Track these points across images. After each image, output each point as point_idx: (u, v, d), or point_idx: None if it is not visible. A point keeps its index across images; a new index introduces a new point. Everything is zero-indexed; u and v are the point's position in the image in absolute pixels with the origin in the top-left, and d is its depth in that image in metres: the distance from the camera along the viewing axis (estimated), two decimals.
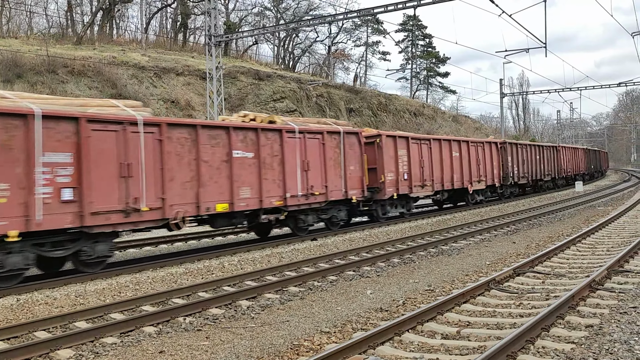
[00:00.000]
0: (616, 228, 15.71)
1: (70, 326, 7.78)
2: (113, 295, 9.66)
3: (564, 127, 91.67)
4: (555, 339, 6.13)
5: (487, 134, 65.01)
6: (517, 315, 7.24)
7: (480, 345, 6.07)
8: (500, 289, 8.75)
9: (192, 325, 7.62)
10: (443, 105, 77.00)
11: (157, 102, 31.50)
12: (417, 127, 50.65)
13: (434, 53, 72.65)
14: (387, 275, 10.66)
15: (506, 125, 73.39)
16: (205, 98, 30.71)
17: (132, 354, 6.50)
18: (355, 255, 13.11)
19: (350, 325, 7.29)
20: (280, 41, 58.08)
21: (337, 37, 61.82)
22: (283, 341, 6.73)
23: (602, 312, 7.05)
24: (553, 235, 15.28)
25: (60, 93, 26.80)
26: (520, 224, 18.45)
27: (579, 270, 9.95)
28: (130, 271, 11.72)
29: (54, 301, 9.36)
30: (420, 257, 12.68)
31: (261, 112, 36.25)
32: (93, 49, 34.65)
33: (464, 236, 15.45)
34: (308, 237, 16.04)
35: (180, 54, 40.60)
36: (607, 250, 12.02)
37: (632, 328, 6.32)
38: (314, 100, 42.59)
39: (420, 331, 6.76)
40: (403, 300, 8.52)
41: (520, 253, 12.53)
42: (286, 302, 8.79)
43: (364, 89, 52.39)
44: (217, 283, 10.14)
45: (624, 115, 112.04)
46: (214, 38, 27.52)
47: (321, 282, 10.24)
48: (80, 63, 29.37)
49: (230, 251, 13.97)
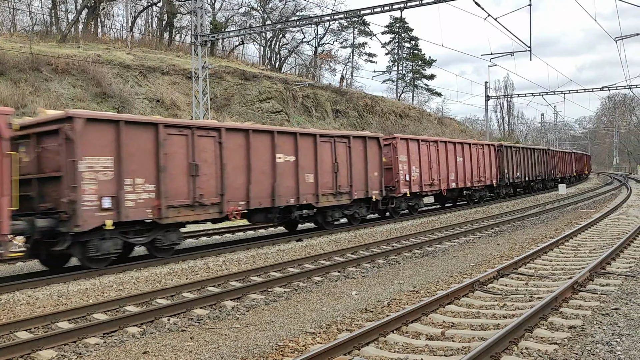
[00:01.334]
0: (598, 230, 15.88)
1: (52, 326, 7.70)
2: (96, 296, 9.58)
3: (548, 130, 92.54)
4: (539, 340, 6.18)
5: (472, 136, 65.46)
6: (500, 317, 7.29)
7: (464, 346, 6.10)
8: (484, 290, 8.81)
9: (177, 326, 7.58)
10: (429, 108, 77.34)
11: (142, 101, 31.30)
12: (402, 128, 50.78)
13: (420, 55, 72.94)
14: (372, 276, 10.68)
15: (491, 128, 73.91)
16: (190, 98, 30.57)
17: (116, 355, 6.45)
18: (341, 256, 13.12)
19: (335, 326, 7.29)
20: (266, 41, 58.01)
21: (323, 38, 61.87)
22: (268, 342, 6.72)
23: (584, 313, 7.12)
24: (537, 237, 15.41)
25: (44, 91, 26.55)
26: (505, 225, 18.58)
27: (562, 272, 10.05)
28: (114, 271, 11.63)
29: (36, 301, 9.26)
30: (405, 258, 12.72)
31: (247, 112, 36.24)
32: (77, 47, 34.34)
33: (448, 238, 15.52)
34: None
35: (165, 53, 40.36)
36: (589, 252, 12.14)
37: (614, 329, 6.39)
38: (300, 101, 42.58)
39: (405, 332, 6.77)
40: (388, 301, 8.54)
41: (504, 255, 12.61)
42: (271, 303, 8.77)
43: (350, 91, 52.46)
44: (202, 283, 10.09)
45: (607, 119, 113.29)
46: (200, 37, 27.41)
47: (306, 282, 10.23)
48: (64, 61, 29.09)
49: (215, 252, 13.92)
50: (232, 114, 35.63)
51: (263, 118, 36.97)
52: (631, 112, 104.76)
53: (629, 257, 11.13)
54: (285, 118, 38.92)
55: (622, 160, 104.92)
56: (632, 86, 46.72)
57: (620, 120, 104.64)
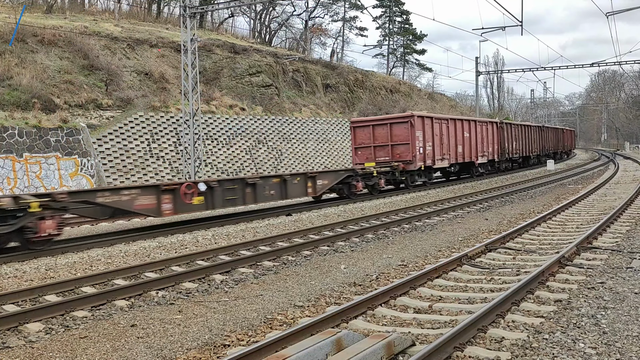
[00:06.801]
0: (585, 206, 16.00)
1: (40, 300, 7.68)
2: (84, 269, 9.55)
3: (538, 106, 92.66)
4: (525, 313, 6.23)
5: (462, 112, 65.41)
6: (488, 290, 7.35)
7: (451, 320, 6.15)
8: (472, 264, 8.86)
9: (165, 299, 7.58)
10: (419, 83, 77.11)
11: (130, 74, 30.90)
12: (393, 104, 50.64)
13: (411, 30, 72.41)
14: (361, 251, 10.71)
15: (480, 104, 73.78)
16: (179, 71, 30.21)
17: (103, 328, 6.44)
18: (330, 230, 13.14)
19: (324, 300, 7.32)
20: (256, 14, 57.32)
21: (314, 11, 61.28)
22: (256, 315, 6.73)
23: (570, 287, 7.18)
24: (524, 212, 15.50)
25: (30, 63, 26.12)
26: (493, 200, 18.68)
27: (549, 247, 10.12)
28: (102, 245, 11.59)
29: (23, 274, 9.22)
30: (394, 233, 12.76)
31: (237, 86, 35.89)
32: (64, 18, 33.72)
33: (437, 213, 15.59)
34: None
35: (154, 25, 39.77)
36: (576, 227, 12.24)
37: (599, 303, 6.46)
38: (291, 75, 42.23)
39: (393, 305, 6.81)
40: (376, 275, 8.58)
41: (492, 230, 12.69)
42: (260, 277, 8.79)
43: (341, 65, 52.08)
44: (191, 257, 10.08)
45: (596, 96, 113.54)
46: (189, 9, 26.99)
47: (295, 257, 10.25)
48: (50, 32, 28.57)
49: (204, 226, 13.90)
50: (221, 87, 35.32)
51: (253, 92, 36.69)
52: (620, 89, 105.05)
53: (615, 232, 11.23)
54: (275, 92, 38.64)
55: (610, 137, 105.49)
56: (621, 62, 46.97)
57: (610, 97, 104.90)
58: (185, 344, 5.82)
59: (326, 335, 5.13)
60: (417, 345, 5.33)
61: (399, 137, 23.53)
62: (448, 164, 26.63)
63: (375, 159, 23.80)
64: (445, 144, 26.08)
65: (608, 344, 5.21)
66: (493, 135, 32.23)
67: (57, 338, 6.17)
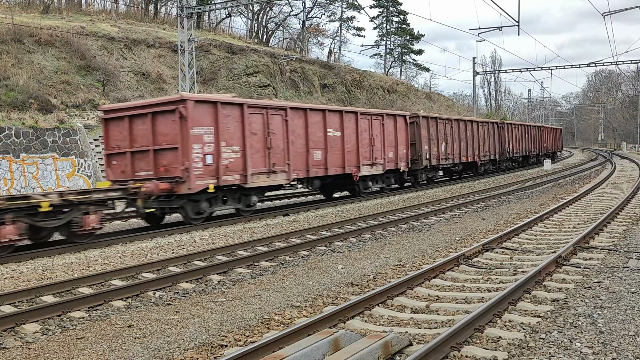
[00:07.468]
0: (582, 205, 16.03)
1: (37, 300, 7.66)
2: (81, 270, 9.53)
3: (535, 106, 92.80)
4: (522, 312, 6.24)
5: (459, 112, 65.48)
6: (485, 290, 7.36)
7: (448, 319, 6.15)
8: (469, 264, 8.87)
9: (162, 300, 7.57)
10: (416, 83, 77.13)
11: (127, 74, 30.86)
12: (390, 104, 50.66)
13: (408, 30, 72.42)
14: (359, 251, 10.71)
15: (478, 104, 73.95)
16: (177, 71, 30.19)
17: (100, 328, 6.43)
18: (327, 230, 13.14)
19: (321, 300, 7.32)
20: (253, 14, 57.28)
21: (311, 11, 61.19)
22: (254, 315, 6.73)
23: (567, 287, 7.19)
24: (522, 212, 15.52)
25: (27, 63, 26.08)
26: (490, 200, 18.70)
27: (546, 247, 10.14)
28: (99, 245, 11.58)
29: (20, 275, 9.21)
30: (391, 232, 12.76)
31: (234, 86, 35.87)
32: (61, 18, 33.67)
33: (434, 212, 15.60)
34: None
35: (151, 26, 39.73)
36: (573, 227, 12.26)
37: (596, 302, 6.48)
38: (288, 75, 42.23)
39: (390, 305, 6.82)
40: (374, 275, 8.58)
41: (490, 229, 12.70)
42: (257, 277, 8.78)
43: (338, 65, 52.09)
44: (188, 257, 10.07)
45: (593, 96, 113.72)
46: (186, 9, 26.97)
47: (293, 257, 10.24)
48: (47, 32, 28.51)
49: (201, 226, 13.88)
50: (218, 87, 35.29)
51: (250, 92, 36.66)
52: (617, 89, 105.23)
53: (612, 231, 11.25)
54: (273, 92, 38.62)
55: (607, 137, 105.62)
56: (618, 62, 47.16)
57: (606, 97, 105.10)
58: (182, 345, 5.82)
59: (323, 335, 5.13)
60: (415, 345, 5.34)
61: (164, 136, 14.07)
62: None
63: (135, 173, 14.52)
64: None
65: (605, 343, 5.22)
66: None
67: (54, 339, 6.16)
